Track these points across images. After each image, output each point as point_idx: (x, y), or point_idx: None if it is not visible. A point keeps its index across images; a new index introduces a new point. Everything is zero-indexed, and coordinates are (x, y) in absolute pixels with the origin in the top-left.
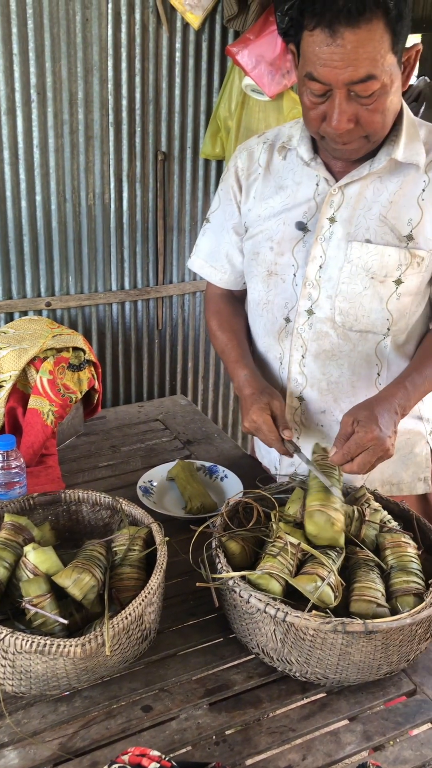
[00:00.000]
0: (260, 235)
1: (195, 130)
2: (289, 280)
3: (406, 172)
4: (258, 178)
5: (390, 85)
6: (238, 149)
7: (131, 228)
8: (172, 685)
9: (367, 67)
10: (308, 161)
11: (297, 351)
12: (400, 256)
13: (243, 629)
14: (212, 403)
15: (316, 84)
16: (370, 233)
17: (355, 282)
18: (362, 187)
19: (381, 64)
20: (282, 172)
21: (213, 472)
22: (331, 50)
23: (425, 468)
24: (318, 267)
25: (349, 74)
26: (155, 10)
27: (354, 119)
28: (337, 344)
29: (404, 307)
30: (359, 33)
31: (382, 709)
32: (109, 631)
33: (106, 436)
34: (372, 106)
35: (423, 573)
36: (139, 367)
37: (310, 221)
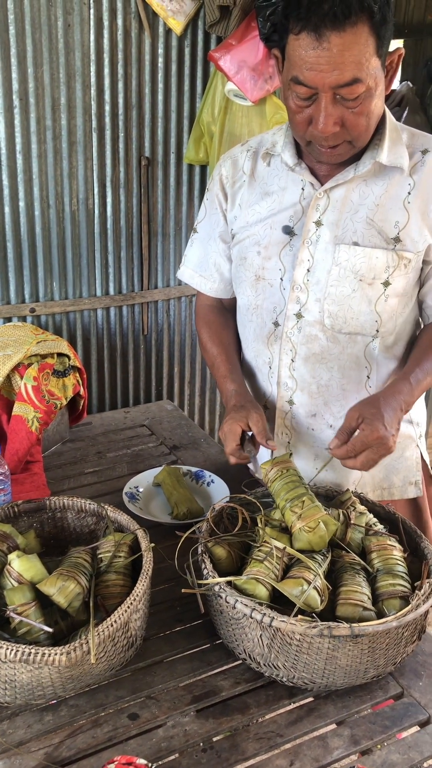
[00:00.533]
0: (247, 240)
1: (178, 135)
2: (276, 284)
3: (390, 175)
4: (243, 185)
5: (375, 89)
6: (222, 158)
7: (115, 233)
8: (158, 692)
9: (353, 70)
10: (293, 166)
11: (286, 355)
12: (387, 258)
13: (230, 635)
14: (199, 408)
15: (302, 88)
16: (357, 236)
17: (343, 285)
18: (348, 190)
19: (366, 68)
20: (267, 179)
21: (199, 478)
22: (317, 54)
23: (416, 472)
24: (306, 270)
25: (335, 77)
26: (137, 16)
27: (340, 122)
28: (326, 347)
29: (392, 308)
30: (345, 36)
31: (369, 713)
32: (95, 639)
33: (92, 443)
34: (357, 109)
35: (409, 576)
36: (125, 372)
37: (296, 225)
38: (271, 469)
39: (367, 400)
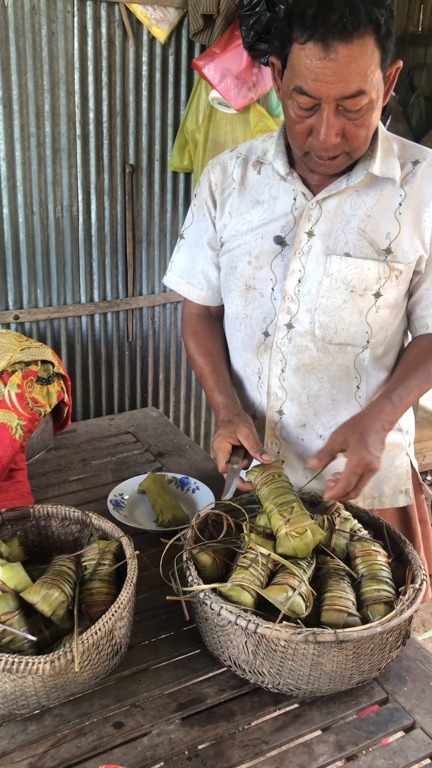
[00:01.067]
0: (237, 249)
1: (163, 142)
2: (267, 294)
3: (382, 186)
4: (233, 193)
5: (376, 101)
6: (210, 164)
7: (100, 240)
8: (143, 701)
9: (359, 82)
10: (285, 175)
11: (276, 365)
12: (379, 269)
13: (215, 642)
14: (184, 414)
15: (305, 98)
16: (349, 247)
17: (334, 295)
18: (340, 201)
19: (371, 80)
20: (257, 187)
21: (185, 484)
22: (323, 64)
23: (406, 480)
24: (297, 281)
25: (340, 89)
26: (121, 24)
27: (341, 133)
28: (316, 357)
29: (383, 319)
30: (352, 48)
31: (354, 719)
32: (79, 647)
33: (77, 450)
34: (359, 120)
35: (393, 581)
36: (110, 379)
37: (288, 235)
38: (262, 473)
39: (350, 422)
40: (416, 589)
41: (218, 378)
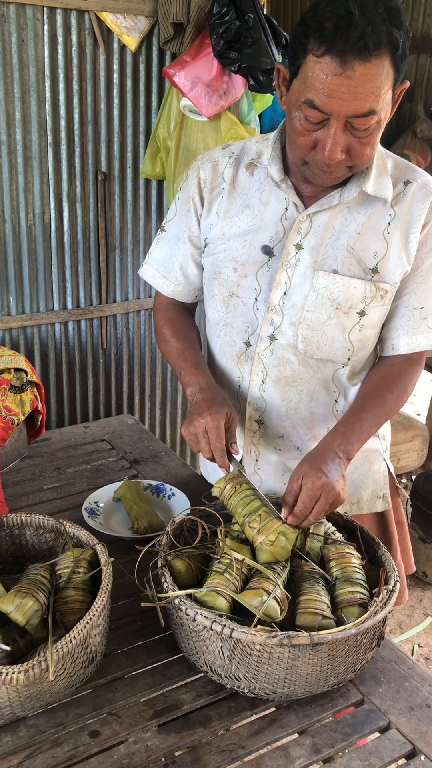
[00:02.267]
0: (223, 254)
1: (135, 150)
2: (250, 303)
3: (374, 204)
4: (222, 193)
5: (384, 121)
6: (201, 159)
7: (72, 247)
8: (120, 708)
9: (371, 102)
10: (279, 182)
11: (257, 376)
12: (365, 288)
13: (190, 648)
14: (160, 421)
15: (316, 112)
16: (337, 263)
17: (319, 311)
18: (331, 216)
19: (382, 100)
20: (248, 190)
21: (160, 491)
22: (339, 81)
23: (384, 485)
24: (282, 293)
25: (353, 107)
26: (92, 32)
27: (346, 150)
28: (297, 371)
29: (366, 338)
30: (369, 67)
31: (330, 721)
32: (53, 656)
33: (51, 458)
34: (365, 139)
35: (367, 583)
36: (84, 387)
37: (276, 246)
38: (225, 486)
39: (302, 460)
40: (390, 590)
41: (198, 360)
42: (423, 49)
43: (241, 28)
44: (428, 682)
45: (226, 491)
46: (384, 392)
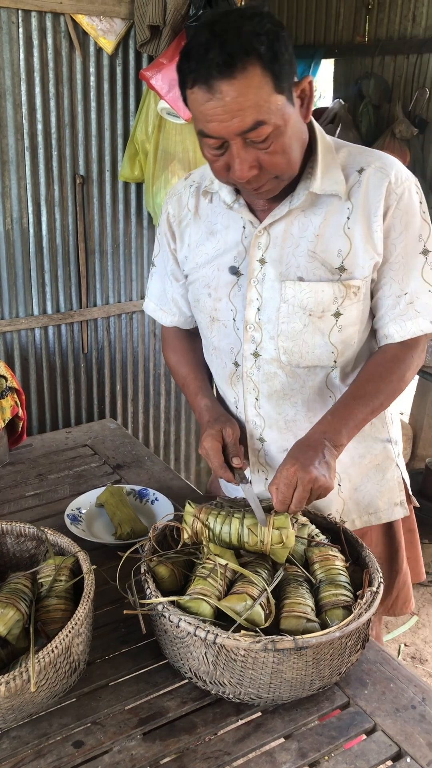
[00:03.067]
0: (198, 282)
1: (113, 153)
2: (230, 324)
3: (328, 202)
4: (189, 223)
5: (284, 125)
6: (168, 194)
7: (51, 252)
8: (104, 717)
9: (253, 114)
10: (231, 204)
11: (250, 394)
12: (334, 289)
13: (175, 654)
14: (143, 425)
15: (210, 139)
16: (301, 270)
17: (294, 321)
18: (287, 224)
19: (267, 108)
20: (211, 217)
21: (143, 496)
22: (213, 105)
23: (399, 492)
24: (256, 309)
25: (237, 125)
26: (67, 35)
27: (256, 165)
28: (286, 383)
29: (348, 337)
30: (236, 83)
31: (316, 725)
32: (35, 667)
33: (33, 465)
34: (270, 149)
35: (351, 585)
36: (66, 392)
37: (241, 265)
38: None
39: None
40: (374, 592)
41: (200, 383)
42: (400, 50)
43: None
44: (413, 683)
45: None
46: (376, 379)
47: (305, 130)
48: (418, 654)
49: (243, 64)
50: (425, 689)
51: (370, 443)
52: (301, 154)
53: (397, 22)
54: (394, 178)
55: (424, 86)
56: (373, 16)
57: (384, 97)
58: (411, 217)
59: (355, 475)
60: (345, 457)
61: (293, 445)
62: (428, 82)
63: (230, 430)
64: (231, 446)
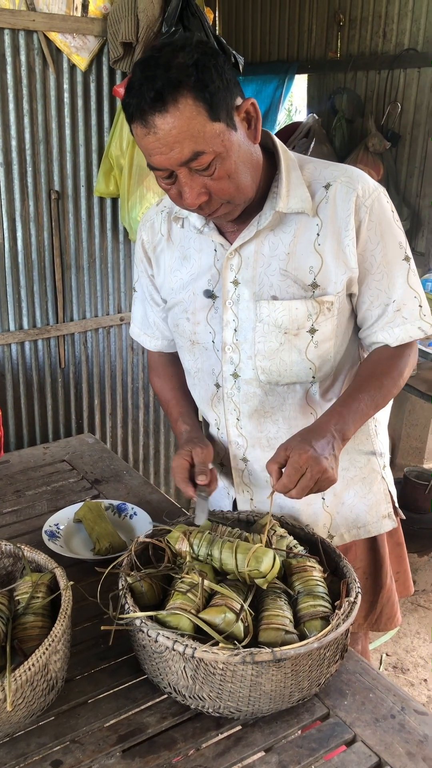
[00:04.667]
0: (176, 307)
1: (88, 168)
2: (210, 347)
3: (296, 219)
4: (163, 249)
5: (225, 151)
6: (142, 221)
7: (27, 267)
8: (83, 735)
9: (190, 145)
10: (201, 228)
11: (231, 414)
12: (307, 307)
13: (154, 669)
14: (121, 439)
15: (158, 171)
16: (274, 289)
17: (270, 339)
18: (257, 245)
19: (204, 137)
20: (183, 241)
21: (122, 510)
22: (151, 140)
23: (387, 504)
24: (233, 331)
25: (176, 157)
26: (41, 52)
27: (205, 191)
28: (267, 402)
29: (325, 352)
30: (168, 116)
31: (296, 737)
32: (11, 685)
33: (10, 481)
34: (215, 175)
35: (329, 595)
36: (43, 407)
37: (215, 287)
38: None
39: (296, 434)
40: (351, 602)
41: (182, 409)
42: (371, 66)
43: None
44: (392, 692)
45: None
46: (379, 375)
47: (256, 152)
48: (399, 663)
49: (173, 97)
50: (404, 698)
51: (354, 456)
52: (254, 175)
53: (368, 38)
54: (362, 191)
55: (396, 101)
56: (345, 32)
57: (357, 112)
58: (386, 227)
59: (340, 489)
60: None
61: (302, 431)
62: (399, 96)
63: (200, 450)
64: (198, 465)
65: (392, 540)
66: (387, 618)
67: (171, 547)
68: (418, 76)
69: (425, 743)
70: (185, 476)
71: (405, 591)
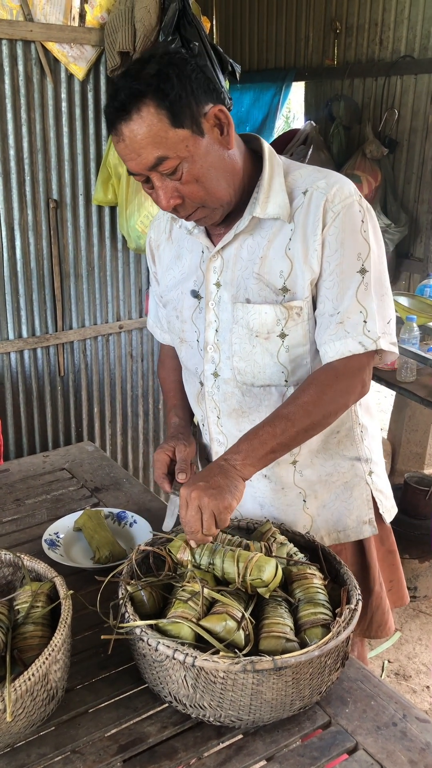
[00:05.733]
0: (169, 305)
1: (86, 177)
2: (195, 346)
3: (273, 224)
4: (165, 247)
5: (191, 156)
6: (152, 220)
7: (26, 276)
8: (83, 745)
9: (153, 151)
10: (191, 230)
11: (212, 413)
12: (276, 312)
13: (154, 678)
14: (121, 447)
15: (135, 176)
16: (248, 292)
17: (244, 342)
18: (237, 248)
19: (166, 143)
20: (180, 241)
21: (122, 519)
22: (121, 147)
23: (368, 510)
24: (215, 331)
25: (143, 162)
26: (38, 62)
27: (177, 195)
28: (243, 402)
29: (298, 357)
30: (131, 124)
31: (298, 746)
32: (11, 696)
33: (10, 490)
34: (183, 179)
35: (330, 603)
36: (43, 415)
37: (200, 288)
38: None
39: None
40: (352, 609)
41: (176, 401)
42: (368, 73)
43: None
44: (394, 700)
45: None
46: (286, 403)
47: (231, 157)
48: (401, 670)
49: (136, 106)
50: (406, 706)
51: (338, 461)
52: (230, 180)
53: (365, 45)
54: (332, 195)
55: (393, 107)
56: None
57: (354, 119)
58: (348, 235)
59: (322, 492)
60: (311, 474)
61: (199, 472)
62: (396, 103)
63: (183, 447)
64: (179, 461)
65: (383, 547)
66: (378, 625)
67: (172, 556)
68: (414, 82)
69: (427, 751)
70: (164, 471)
71: (399, 601)
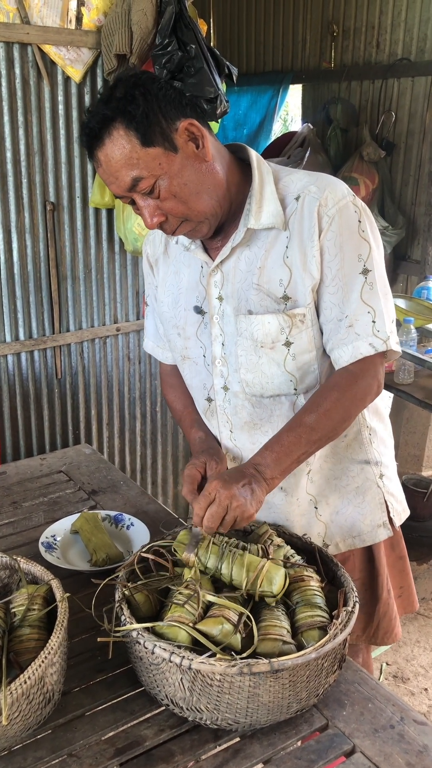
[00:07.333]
0: (168, 323)
1: (83, 179)
2: (201, 362)
3: (268, 233)
4: (162, 262)
5: (165, 173)
6: (147, 235)
7: (23, 278)
8: (80, 749)
9: (128, 173)
10: (188, 246)
11: (225, 427)
12: (279, 320)
13: (151, 681)
14: (119, 449)
15: (120, 198)
16: (250, 304)
17: (250, 353)
18: (235, 261)
19: (138, 164)
20: (177, 256)
21: (119, 521)
22: (100, 171)
23: (382, 513)
24: (221, 345)
25: (121, 185)
26: (35, 65)
27: (160, 213)
28: (254, 414)
29: (305, 364)
30: (105, 149)
31: (295, 749)
32: (6, 699)
33: (7, 493)
34: (161, 196)
35: (327, 605)
36: (40, 418)
37: (203, 304)
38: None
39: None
40: (349, 611)
41: (195, 416)
42: (365, 76)
43: (183, 58)
44: (391, 702)
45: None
46: (305, 411)
47: (211, 169)
48: (400, 673)
49: (107, 131)
50: (404, 708)
51: (347, 465)
52: (214, 193)
53: (362, 48)
54: (325, 200)
55: (390, 110)
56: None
57: (351, 121)
58: (347, 238)
59: (333, 498)
60: (321, 480)
61: (223, 473)
62: (393, 105)
63: (214, 464)
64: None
65: (394, 553)
66: (384, 632)
67: (176, 554)
68: (411, 85)
69: (425, 753)
70: (194, 487)
71: (410, 606)
